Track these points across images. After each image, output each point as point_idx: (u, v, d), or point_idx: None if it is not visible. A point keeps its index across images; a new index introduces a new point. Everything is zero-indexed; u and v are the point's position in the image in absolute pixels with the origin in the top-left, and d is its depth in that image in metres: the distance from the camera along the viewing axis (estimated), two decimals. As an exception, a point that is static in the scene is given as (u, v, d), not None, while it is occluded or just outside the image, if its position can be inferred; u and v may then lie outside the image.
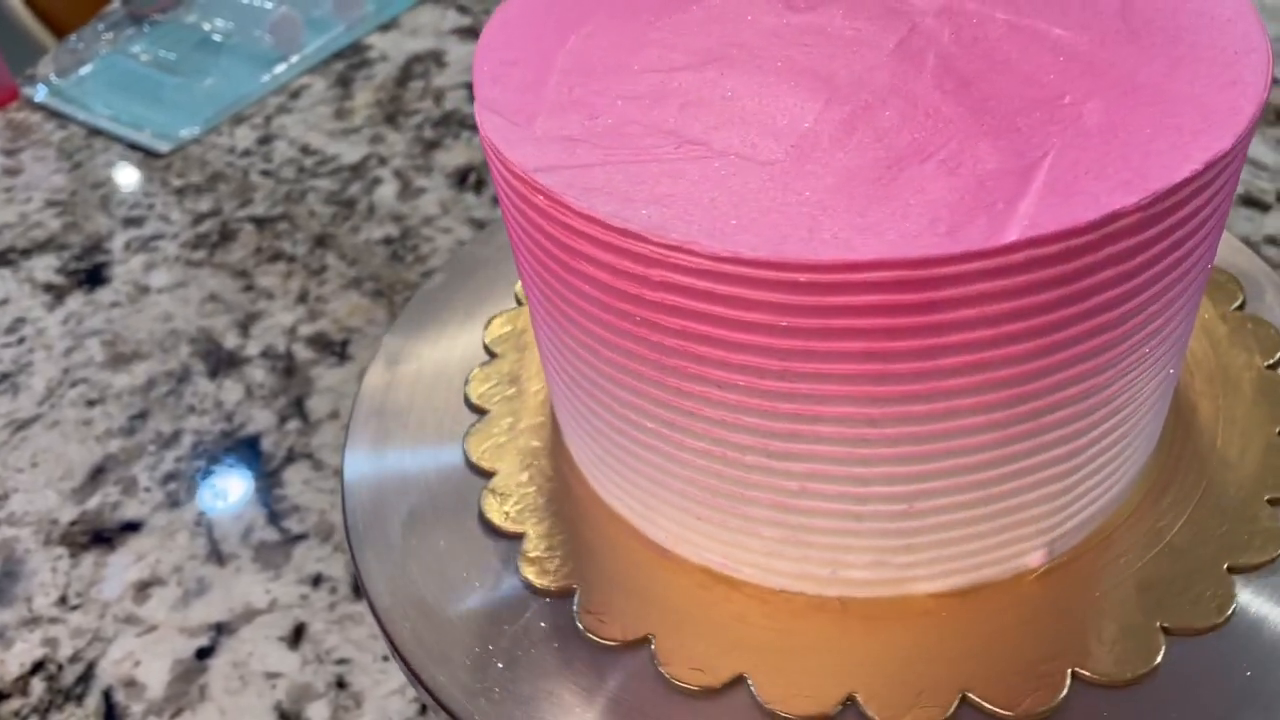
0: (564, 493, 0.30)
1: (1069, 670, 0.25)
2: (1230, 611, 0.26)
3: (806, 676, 0.25)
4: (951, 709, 0.24)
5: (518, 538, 0.29)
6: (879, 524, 0.25)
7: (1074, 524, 0.27)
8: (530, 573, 0.28)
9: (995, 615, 0.26)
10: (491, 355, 0.34)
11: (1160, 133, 0.22)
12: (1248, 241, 0.47)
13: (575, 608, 0.27)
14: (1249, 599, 0.26)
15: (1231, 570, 0.27)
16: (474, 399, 0.33)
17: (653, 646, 0.26)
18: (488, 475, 0.31)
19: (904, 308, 0.21)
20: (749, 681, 0.25)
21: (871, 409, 0.23)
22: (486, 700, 0.26)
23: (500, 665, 0.27)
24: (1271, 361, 0.31)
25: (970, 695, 0.25)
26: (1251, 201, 0.50)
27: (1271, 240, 0.48)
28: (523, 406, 0.32)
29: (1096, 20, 0.25)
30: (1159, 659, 0.25)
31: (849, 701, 0.25)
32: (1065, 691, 0.25)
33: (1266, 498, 0.28)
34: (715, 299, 0.22)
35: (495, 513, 0.30)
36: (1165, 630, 0.26)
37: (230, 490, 0.43)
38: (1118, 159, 0.22)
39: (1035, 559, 0.27)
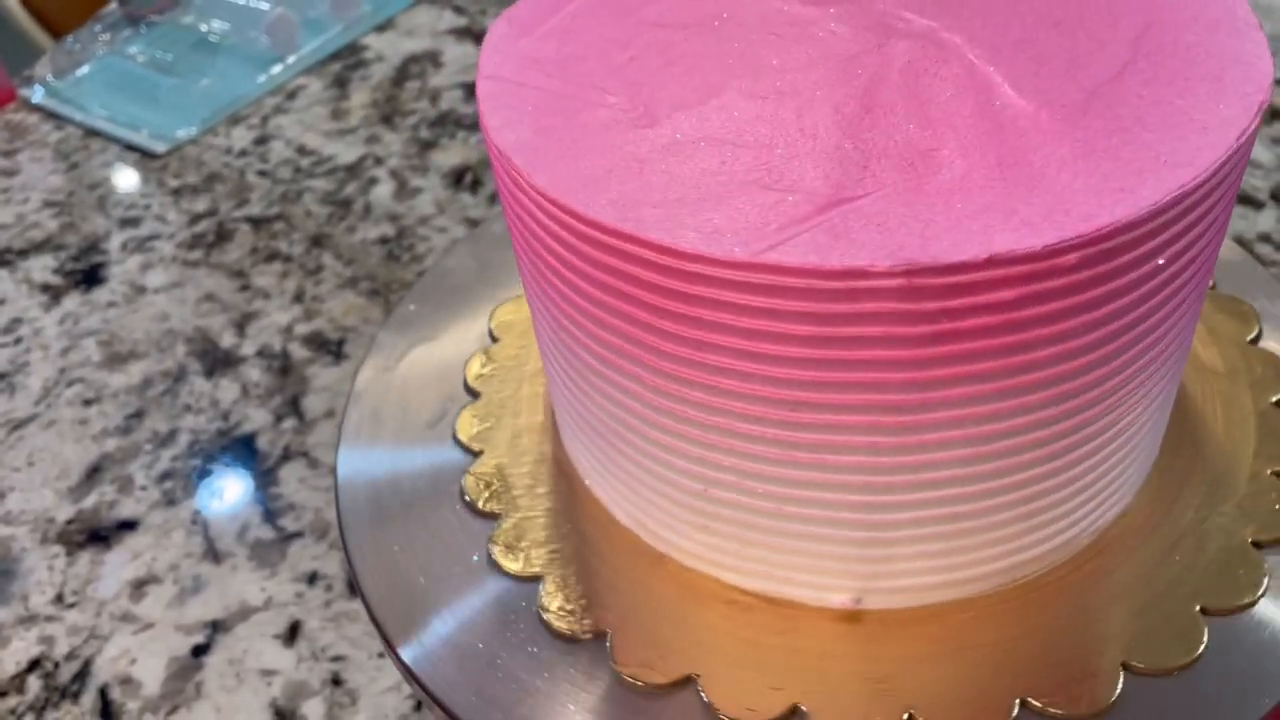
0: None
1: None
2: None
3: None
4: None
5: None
6: (680, 495, 0.26)
7: (894, 585, 0.26)
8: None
9: (812, 636, 0.26)
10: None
11: (987, 212, 0.20)
12: (1241, 240, 0.47)
13: (598, 634, 0.27)
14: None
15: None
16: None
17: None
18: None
19: (666, 291, 0.22)
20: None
21: (655, 379, 0.24)
22: (482, 696, 0.26)
23: (495, 660, 0.27)
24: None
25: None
26: (1245, 199, 0.50)
27: (1265, 238, 0.48)
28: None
29: (1061, 88, 0.23)
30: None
31: (601, 635, 0.26)
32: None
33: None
34: (548, 232, 0.23)
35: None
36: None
37: (226, 489, 0.43)
38: (921, 223, 0.20)
39: (839, 600, 0.26)
